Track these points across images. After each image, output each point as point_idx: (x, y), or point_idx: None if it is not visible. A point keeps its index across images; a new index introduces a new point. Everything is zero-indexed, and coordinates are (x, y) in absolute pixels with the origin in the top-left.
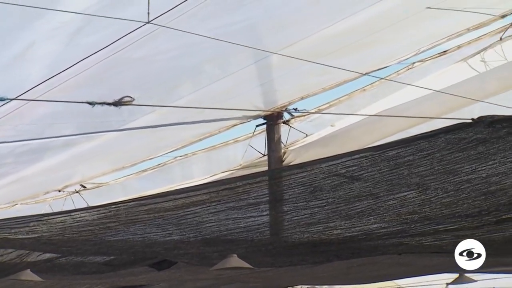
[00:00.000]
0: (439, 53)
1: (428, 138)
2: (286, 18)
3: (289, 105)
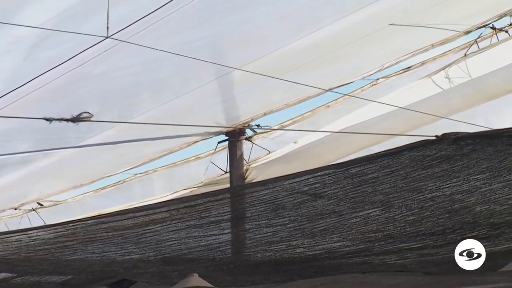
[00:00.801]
0: (403, 69)
1: (392, 155)
2: (249, 34)
3: (251, 121)
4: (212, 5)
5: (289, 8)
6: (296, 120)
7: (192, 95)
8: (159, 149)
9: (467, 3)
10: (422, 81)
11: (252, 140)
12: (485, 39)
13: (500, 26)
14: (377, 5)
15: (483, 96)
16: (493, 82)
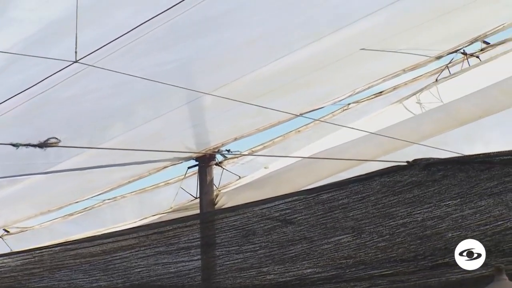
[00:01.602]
0: (375, 94)
1: (363, 181)
2: (219, 58)
3: (222, 147)
4: (181, 29)
5: (260, 32)
6: (266, 145)
7: (162, 120)
8: (128, 174)
9: (438, 28)
10: (393, 106)
11: (222, 165)
12: (456, 65)
13: (471, 52)
14: (348, 30)
15: (455, 121)
16: (464, 107)
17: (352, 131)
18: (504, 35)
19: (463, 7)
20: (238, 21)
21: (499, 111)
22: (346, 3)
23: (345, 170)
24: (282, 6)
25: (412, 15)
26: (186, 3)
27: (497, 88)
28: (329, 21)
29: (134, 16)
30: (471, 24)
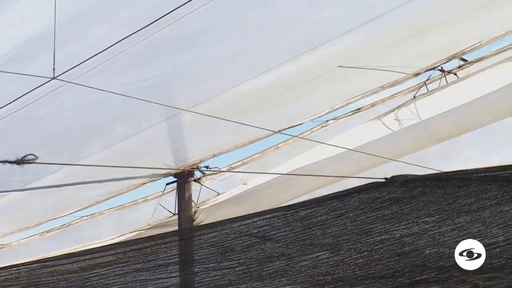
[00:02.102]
0: (353, 111)
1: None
2: (198, 75)
3: (200, 163)
4: (159, 46)
5: (238, 49)
6: (245, 161)
7: (140, 136)
8: (106, 191)
9: (416, 46)
10: (372, 123)
11: (201, 181)
12: (434, 81)
13: (449, 69)
14: (326, 47)
15: (433, 138)
16: (442, 124)
17: (331, 147)
18: (482, 52)
19: (440, 24)
20: (217, 38)
21: (477, 128)
22: (324, 21)
23: (324, 187)
24: (261, 24)
25: (390, 33)
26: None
27: (475, 105)
28: (307, 38)
29: (112, 33)
30: (449, 41)
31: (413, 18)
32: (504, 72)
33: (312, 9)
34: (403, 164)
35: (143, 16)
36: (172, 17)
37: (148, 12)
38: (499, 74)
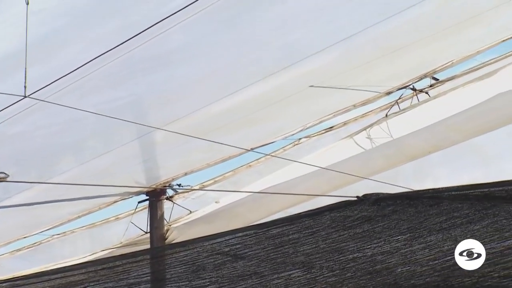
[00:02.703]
0: (325, 129)
1: (314, 216)
2: (171, 94)
3: (172, 181)
4: (133, 65)
5: (211, 69)
6: (217, 179)
7: (113, 155)
8: (78, 209)
9: (387, 65)
10: (344, 141)
11: (173, 200)
12: (406, 100)
13: (420, 88)
14: (298, 67)
15: (404, 156)
16: (414, 143)
17: (303, 166)
18: (453, 72)
19: (412, 44)
20: (189, 58)
21: (448, 146)
22: (295, 42)
23: (296, 205)
24: (234, 44)
25: (362, 53)
26: (137, 39)
27: (446, 124)
28: (279, 58)
29: (85, 52)
30: (420, 60)
31: (384, 38)
32: (475, 91)
33: (283, 30)
34: (375, 182)
35: (116, 35)
36: (145, 36)
37: (121, 32)
38: (470, 93)
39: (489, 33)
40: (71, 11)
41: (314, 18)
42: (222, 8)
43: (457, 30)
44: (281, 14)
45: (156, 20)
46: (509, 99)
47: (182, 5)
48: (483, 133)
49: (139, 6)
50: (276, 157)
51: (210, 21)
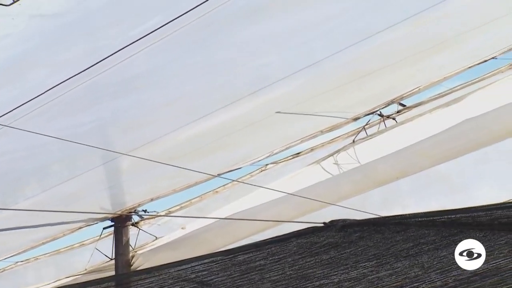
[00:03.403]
0: (293, 155)
1: (280, 242)
2: (137, 119)
3: (138, 207)
4: (99, 90)
5: (178, 94)
6: (184, 205)
7: (78, 180)
8: (42, 236)
9: (355, 91)
10: (311, 167)
11: (138, 226)
12: (373, 126)
13: (387, 113)
14: (265, 93)
15: (372, 182)
16: (381, 168)
17: (270, 191)
18: (420, 98)
19: (379, 70)
20: (156, 83)
21: (415, 172)
22: (263, 67)
23: (263, 231)
24: (200, 69)
25: (329, 79)
26: (104, 64)
27: (413, 150)
28: (246, 84)
29: (50, 77)
30: (388, 86)
31: (352, 64)
32: (442, 117)
33: (251, 55)
34: (342, 208)
35: (82, 60)
36: (111, 61)
37: (87, 56)
38: (437, 119)
39: (456, 59)
40: (38, 35)
41: (282, 43)
42: (190, 32)
43: (425, 56)
44: (249, 39)
45: (124, 44)
46: (476, 125)
47: (149, 30)
48: (450, 159)
49: (106, 30)
50: (242, 183)
51: (178, 46)
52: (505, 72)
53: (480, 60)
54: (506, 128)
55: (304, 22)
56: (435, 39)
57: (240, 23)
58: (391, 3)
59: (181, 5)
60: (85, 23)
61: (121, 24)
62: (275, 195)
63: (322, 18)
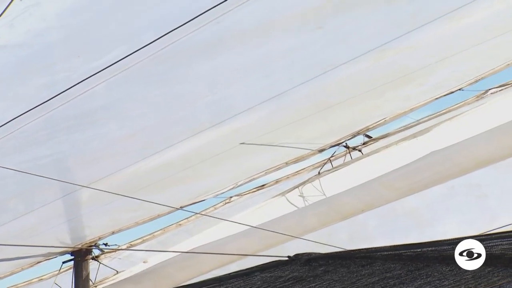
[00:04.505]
0: (257, 187)
1: (244, 276)
2: (97, 153)
3: (99, 240)
4: (57, 123)
5: (139, 126)
6: (146, 239)
7: (36, 214)
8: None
9: (321, 122)
10: (276, 199)
11: (99, 259)
12: (339, 158)
13: (353, 145)
14: (228, 124)
15: (338, 215)
16: (347, 201)
17: (234, 224)
18: (386, 129)
19: (345, 102)
20: (117, 115)
21: (381, 205)
22: (227, 98)
23: (226, 265)
24: (161, 102)
25: (294, 110)
26: (63, 97)
27: (379, 182)
28: (208, 116)
29: (7, 110)
30: (354, 117)
31: (316, 96)
32: (409, 148)
33: (213, 88)
34: (307, 242)
35: (41, 93)
36: (70, 94)
37: (45, 89)
38: (403, 150)
39: (423, 90)
40: None
41: (246, 74)
42: (150, 65)
43: (391, 87)
44: (210, 72)
45: (83, 77)
46: (443, 157)
47: (109, 62)
48: (417, 192)
49: (66, 63)
50: (206, 216)
51: (138, 79)
52: (471, 103)
53: (446, 92)
54: (473, 160)
55: (266, 55)
56: (401, 70)
57: (200, 56)
58: (354, 36)
59: (141, 38)
60: (43, 56)
61: (81, 57)
62: (239, 228)
63: (283, 51)
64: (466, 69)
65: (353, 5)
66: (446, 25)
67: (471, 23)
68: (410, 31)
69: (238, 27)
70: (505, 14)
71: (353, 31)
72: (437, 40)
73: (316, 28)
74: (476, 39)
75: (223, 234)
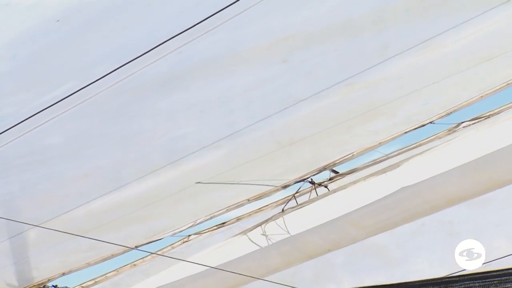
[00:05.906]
0: (217, 225)
1: None
2: (48, 193)
3: (48, 282)
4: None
5: (93, 165)
6: (98, 280)
7: None
8: None
9: (284, 158)
10: (237, 238)
11: None
12: (304, 194)
13: (319, 181)
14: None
15: (302, 254)
16: (312, 239)
17: (192, 265)
18: (353, 164)
19: (310, 137)
20: (69, 154)
21: (349, 244)
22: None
23: None
24: (117, 139)
25: (255, 147)
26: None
27: (346, 220)
28: (164, 155)
29: None
30: (319, 153)
31: (279, 132)
32: (377, 184)
33: (169, 125)
34: (270, 283)
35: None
36: (19, 131)
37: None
38: (371, 186)
39: (392, 124)
40: None
41: (205, 111)
42: (104, 101)
43: (359, 121)
44: (171, 105)
45: (32, 112)
46: (412, 194)
47: (60, 96)
48: (385, 230)
49: (13, 96)
50: (162, 256)
51: (93, 113)
52: (443, 137)
53: (417, 125)
54: (445, 197)
55: (228, 89)
56: (370, 104)
57: (159, 90)
58: (321, 69)
59: (96, 70)
60: None
61: (30, 90)
62: (198, 269)
63: (246, 85)
64: (438, 102)
65: (319, 38)
66: (416, 57)
67: (442, 55)
68: (379, 63)
69: (199, 59)
70: (477, 46)
71: (319, 65)
72: (407, 72)
73: (281, 61)
74: (448, 70)
75: (181, 275)
